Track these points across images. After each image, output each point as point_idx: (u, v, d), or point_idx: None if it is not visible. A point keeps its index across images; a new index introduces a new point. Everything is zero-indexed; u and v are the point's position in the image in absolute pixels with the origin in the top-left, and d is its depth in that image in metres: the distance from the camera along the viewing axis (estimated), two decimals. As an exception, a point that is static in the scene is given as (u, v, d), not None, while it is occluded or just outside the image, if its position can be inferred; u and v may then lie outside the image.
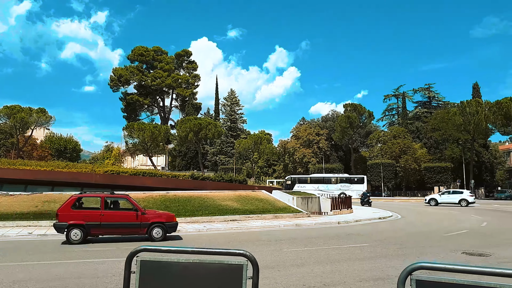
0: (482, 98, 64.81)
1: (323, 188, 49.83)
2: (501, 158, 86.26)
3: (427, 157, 68.60)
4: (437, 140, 72.04)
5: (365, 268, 8.78)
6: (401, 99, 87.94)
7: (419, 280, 2.77)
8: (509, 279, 2.66)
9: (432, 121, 68.03)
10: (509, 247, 12.11)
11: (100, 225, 12.83)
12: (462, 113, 59.75)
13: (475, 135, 61.15)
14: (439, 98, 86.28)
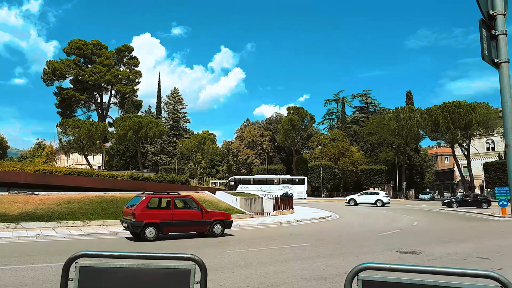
0: (415, 105, 69.36)
1: (265, 189, 50.40)
2: (430, 161, 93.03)
3: (363, 160, 71.95)
4: (373, 143, 75.84)
5: (307, 267, 8.89)
6: (340, 104, 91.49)
7: (366, 280, 2.78)
8: (447, 276, 2.76)
9: (369, 126, 71.48)
10: (437, 245, 12.92)
11: (171, 223, 13.86)
12: (396, 119, 63.49)
13: (408, 140, 65.18)
14: (375, 104, 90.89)
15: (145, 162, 78.67)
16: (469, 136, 57.12)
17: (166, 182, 29.54)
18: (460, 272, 2.74)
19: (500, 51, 2.88)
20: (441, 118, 55.06)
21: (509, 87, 2.84)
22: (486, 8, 2.96)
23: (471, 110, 54.16)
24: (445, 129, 55.23)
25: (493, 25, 2.93)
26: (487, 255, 10.90)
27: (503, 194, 26.99)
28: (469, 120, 53.57)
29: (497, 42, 2.91)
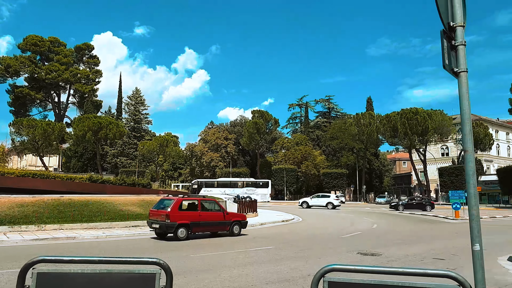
0: (375, 112, 71.79)
1: (229, 192, 50.26)
2: (389, 166, 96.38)
3: (325, 164, 73.44)
4: (334, 148, 77.59)
5: (271, 270, 8.92)
6: (304, 109, 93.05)
7: (332, 282, 2.82)
8: (409, 277, 2.86)
9: (331, 130, 73.14)
10: (396, 247, 13.37)
11: (199, 224, 15.12)
12: (357, 124, 65.39)
13: (368, 145, 67.23)
14: (337, 110, 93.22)
15: (104, 164, 76.34)
16: (426, 142, 59.69)
17: (127, 185, 28.79)
18: (421, 272, 2.85)
19: (459, 61, 3.02)
20: (400, 124, 57.24)
21: (467, 95, 2.99)
22: (447, 19, 3.09)
23: (428, 117, 56.68)
24: (403, 134, 57.44)
25: (453, 36, 3.07)
26: (442, 255, 11.40)
27: (456, 198, 28.31)
28: (425, 127, 56.02)
29: (457, 52, 3.04)
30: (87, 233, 15.65)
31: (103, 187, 26.74)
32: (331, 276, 2.84)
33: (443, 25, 3.12)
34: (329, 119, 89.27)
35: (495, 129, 78.78)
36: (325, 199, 43.07)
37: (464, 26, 3.07)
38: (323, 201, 42.71)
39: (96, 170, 64.15)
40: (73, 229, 16.66)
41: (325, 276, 2.84)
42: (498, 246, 13.45)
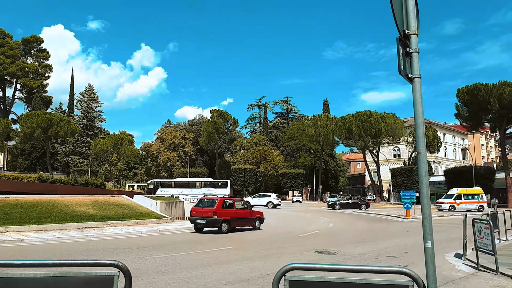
0: (331, 114, 73.69)
1: (187, 193, 49.64)
2: (344, 166, 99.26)
3: (284, 164, 74.41)
4: (292, 148, 78.82)
5: (230, 271, 8.92)
6: (263, 109, 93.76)
7: (292, 281, 2.88)
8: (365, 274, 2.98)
9: (289, 131, 74.22)
10: (351, 245, 13.80)
11: (236, 219, 17.95)
12: (314, 126, 66.77)
13: (324, 146, 68.85)
14: (295, 111, 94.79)
15: (55, 163, 72.95)
16: (379, 144, 62.04)
17: (79, 185, 27.69)
18: (377, 270, 2.98)
19: (413, 67, 3.18)
20: (354, 126, 59.12)
21: (420, 100, 3.14)
22: (402, 27, 3.24)
23: (381, 120, 58.96)
24: (357, 136, 59.36)
25: (407, 43, 3.22)
26: (395, 253, 11.89)
27: (408, 198, 29.65)
28: (378, 129, 58.23)
29: (411, 59, 3.20)
30: (37, 236, 14.87)
31: (54, 187, 25.53)
32: (291, 275, 2.89)
33: (398, 32, 3.26)
34: (288, 120, 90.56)
35: (443, 132, 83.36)
36: (266, 199, 46.11)
37: (417, 34, 3.23)
38: (264, 201, 45.53)
39: (46, 169, 61.10)
40: (21, 231, 15.78)
41: (285, 275, 2.89)
42: (445, 243, 14.22)
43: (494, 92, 46.92)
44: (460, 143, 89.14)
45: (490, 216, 14.04)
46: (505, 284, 7.96)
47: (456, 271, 9.32)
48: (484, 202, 42.61)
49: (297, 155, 79.03)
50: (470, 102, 49.90)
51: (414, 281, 2.73)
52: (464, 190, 44.38)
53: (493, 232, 9.39)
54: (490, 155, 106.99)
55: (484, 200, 42.85)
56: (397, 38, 3.28)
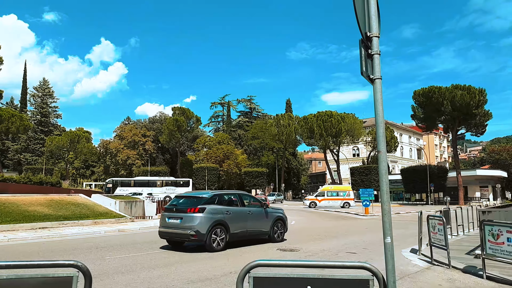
0: (293, 113, 74.62)
1: (148, 192, 48.63)
2: (306, 165, 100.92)
3: (247, 163, 74.58)
4: (256, 147, 79.18)
5: (192, 269, 8.84)
6: (226, 108, 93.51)
7: (257, 277, 2.91)
8: (327, 269, 3.06)
9: (252, 130, 74.50)
10: (312, 242, 14.05)
11: None
12: (277, 125, 67.43)
13: (287, 145, 69.69)
14: (259, 110, 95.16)
15: (5, 161, 69.24)
16: (339, 143, 63.58)
17: (33, 184, 26.48)
18: (340, 265, 3.06)
19: (374, 69, 3.28)
20: (316, 126, 60.29)
21: (381, 100, 3.26)
22: (364, 29, 3.35)
23: (341, 120, 60.50)
24: (319, 136, 60.57)
25: (369, 45, 3.32)
26: (354, 249, 12.24)
27: (366, 195, 30.65)
28: (339, 129, 59.72)
29: (372, 61, 3.31)
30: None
31: (5, 185, 24.29)
32: (256, 271, 2.92)
33: (361, 34, 3.36)
34: (251, 119, 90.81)
35: (400, 133, 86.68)
36: None
37: (379, 36, 3.34)
38: None
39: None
40: (-33, 234, 14.86)
41: (250, 272, 2.92)
42: (402, 239, 14.81)
43: (447, 95, 49.36)
44: (416, 143, 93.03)
45: (443, 213, 14.77)
46: (456, 277, 8.40)
47: (412, 266, 9.72)
48: (350, 199, 42.18)
49: (260, 154, 79.49)
50: (425, 104, 52.24)
51: (374, 275, 2.84)
52: (329, 187, 45.00)
53: (445, 228, 9.87)
54: (443, 154, 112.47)
55: (351, 197, 42.58)
56: (359, 40, 3.38)
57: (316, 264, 3.07)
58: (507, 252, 7.78)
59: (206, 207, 11.63)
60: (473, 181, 64.71)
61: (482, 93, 49.72)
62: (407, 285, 7.64)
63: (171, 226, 11.77)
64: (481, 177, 66.13)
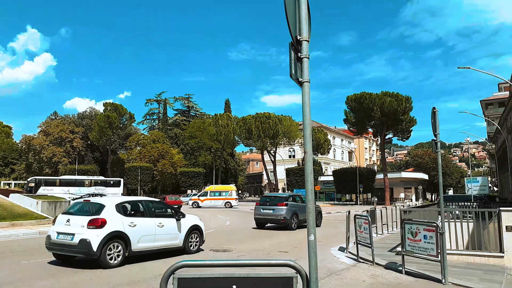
0: (232, 113, 74.84)
1: (74, 192, 45.91)
2: (243, 166, 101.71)
3: (183, 162, 73.28)
4: (193, 147, 78.14)
5: (120, 272, 8.47)
6: (162, 105, 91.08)
7: (182, 278, 2.86)
8: (255, 268, 3.08)
9: (190, 129, 73.42)
10: (246, 242, 14.17)
11: None
12: (215, 125, 67.10)
13: (225, 145, 69.63)
14: (197, 109, 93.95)
15: None
16: (276, 144, 64.90)
17: None
18: (265, 263, 3.10)
19: (303, 72, 3.36)
20: (254, 127, 61.03)
21: (309, 102, 3.34)
22: (295, 33, 3.41)
23: (278, 122, 61.85)
24: (257, 137, 61.37)
25: (299, 48, 3.40)
26: (286, 249, 12.52)
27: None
28: (276, 130, 61.00)
29: (302, 64, 3.38)
30: None
31: None
32: (181, 272, 2.86)
33: (291, 37, 3.42)
34: (188, 118, 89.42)
35: (333, 136, 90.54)
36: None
37: (308, 41, 3.42)
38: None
39: None
40: None
41: (175, 273, 2.86)
42: (331, 238, 15.42)
43: (377, 101, 52.49)
44: (347, 146, 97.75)
45: (369, 213, 15.61)
46: (378, 273, 8.92)
47: (339, 263, 10.16)
48: (232, 198, 43.16)
49: (197, 154, 78.56)
50: (357, 109, 55.10)
51: (298, 273, 2.91)
52: (212, 187, 46.00)
53: (371, 227, 10.44)
54: (372, 157, 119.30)
55: (233, 197, 43.43)
56: (289, 43, 3.44)
57: (242, 263, 3.07)
58: (424, 248, 8.41)
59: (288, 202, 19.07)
60: (398, 182, 69.43)
61: (408, 101, 53.57)
62: (334, 282, 7.95)
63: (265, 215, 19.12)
64: (405, 179, 71.22)
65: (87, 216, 9.27)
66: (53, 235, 9.35)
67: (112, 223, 9.18)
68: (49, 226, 18.57)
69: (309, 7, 3.51)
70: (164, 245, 10.58)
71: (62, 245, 9.08)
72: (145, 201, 10.96)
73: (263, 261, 3.09)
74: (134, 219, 9.84)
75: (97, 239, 8.73)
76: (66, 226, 9.26)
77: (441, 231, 8.16)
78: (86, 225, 8.95)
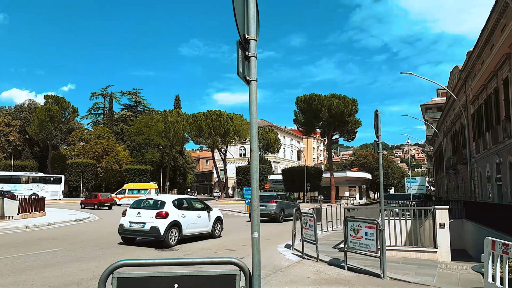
0: (182, 110, 73.42)
1: (9, 189, 42.93)
2: (193, 164, 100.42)
3: (129, 159, 70.91)
4: (140, 143, 75.92)
5: (56, 274, 8.05)
6: (108, 99, 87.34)
7: (121, 278, 2.78)
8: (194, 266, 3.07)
9: (137, 125, 71.24)
10: (192, 241, 13.97)
11: None
12: (164, 121, 65.60)
13: (174, 142, 68.35)
14: (145, 104, 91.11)
15: None
16: (227, 143, 64.80)
17: None
18: (208, 261, 3.09)
19: (251, 71, 3.38)
20: (205, 125, 60.52)
21: (256, 101, 3.37)
22: (243, 31, 3.42)
23: (230, 120, 61.80)
24: (207, 134, 60.91)
25: (247, 47, 3.41)
26: (234, 247, 12.54)
27: (249, 194, 31.77)
28: (227, 129, 60.91)
29: (249, 63, 3.39)
30: None
31: None
32: (121, 272, 2.78)
33: (239, 36, 3.43)
34: (136, 113, 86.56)
35: (283, 135, 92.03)
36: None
37: (256, 40, 3.44)
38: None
39: None
40: None
41: (114, 273, 2.77)
42: (280, 235, 15.69)
43: (325, 103, 54.09)
44: (297, 146, 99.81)
45: (315, 211, 16.05)
46: (322, 269, 9.20)
47: (285, 260, 10.35)
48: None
49: (144, 151, 76.30)
50: (306, 110, 56.42)
51: (241, 270, 2.93)
52: (131, 185, 44.74)
53: (316, 224, 10.75)
54: (319, 157, 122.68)
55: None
56: (237, 41, 3.44)
57: (184, 261, 3.04)
58: (365, 245, 8.79)
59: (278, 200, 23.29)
60: (343, 181, 72.08)
61: (354, 103, 55.71)
62: (279, 279, 8.09)
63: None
64: (350, 178, 74.12)
65: (154, 210, 12.43)
66: (125, 224, 12.52)
67: (172, 215, 12.34)
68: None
69: (257, 6, 3.53)
70: (200, 231, 13.96)
71: (135, 231, 12.39)
72: (188, 198, 14.67)
73: (206, 259, 3.07)
74: (184, 212, 13.03)
75: (163, 226, 11.88)
76: (137, 217, 12.39)
77: (381, 228, 8.58)
78: (154, 216, 12.13)
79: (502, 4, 18.70)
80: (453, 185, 41.70)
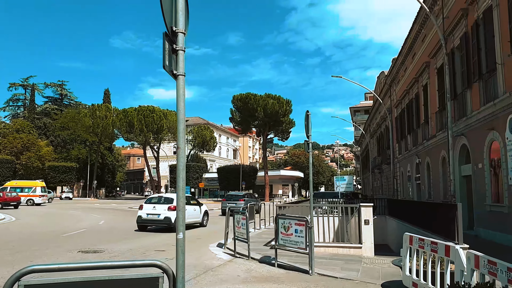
0: (112, 105, 70.04)
1: None
2: (123, 161, 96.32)
3: (53, 156, 66.28)
4: (65, 139, 71.29)
5: None
6: (30, 91, 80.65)
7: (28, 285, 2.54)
8: (118, 270, 2.89)
9: (62, 120, 66.80)
10: (120, 242, 13.40)
11: None
12: (92, 116, 62.13)
13: (102, 138, 65.05)
14: (71, 97, 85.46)
15: None
16: (160, 140, 63.04)
17: None
18: (129, 264, 2.92)
19: (178, 65, 3.25)
20: (136, 121, 58.29)
21: (183, 97, 3.25)
22: (170, 24, 3.27)
23: (163, 116, 60.15)
24: (139, 131, 58.74)
25: (175, 40, 3.27)
26: (164, 247, 12.18)
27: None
28: (161, 125, 59.24)
29: (177, 57, 3.26)
30: None
31: None
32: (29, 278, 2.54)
33: (166, 28, 3.28)
34: (61, 107, 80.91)
35: (219, 133, 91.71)
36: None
37: (185, 33, 3.32)
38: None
39: None
40: None
41: (21, 280, 2.53)
42: (212, 235, 15.58)
43: (261, 102, 54.86)
44: (232, 144, 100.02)
45: (248, 209, 16.16)
46: (253, 267, 9.25)
47: (216, 260, 10.27)
48: (35, 195, 39.59)
49: (70, 147, 71.74)
50: (242, 109, 56.76)
51: (165, 272, 2.81)
52: (13, 183, 41.22)
53: (248, 223, 10.80)
54: (255, 156, 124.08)
55: (37, 194, 39.81)
56: (163, 33, 3.29)
57: (103, 265, 2.85)
58: (294, 242, 8.99)
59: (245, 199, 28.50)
60: (277, 180, 73.64)
61: (288, 104, 57.14)
62: (209, 279, 7.98)
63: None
64: (284, 177, 75.95)
65: (166, 204, 16.78)
66: (143, 215, 16.84)
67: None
68: None
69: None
70: (195, 221, 18.38)
71: (151, 220, 16.80)
72: (187, 196, 16.80)
73: (126, 262, 2.91)
74: (186, 206, 14.62)
75: (174, 217, 14.56)
76: (153, 210, 16.76)
77: (310, 225, 8.82)
78: (167, 209, 16.38)
79: (423, 15, 20.27)
80: (378, 184, 44.48)
